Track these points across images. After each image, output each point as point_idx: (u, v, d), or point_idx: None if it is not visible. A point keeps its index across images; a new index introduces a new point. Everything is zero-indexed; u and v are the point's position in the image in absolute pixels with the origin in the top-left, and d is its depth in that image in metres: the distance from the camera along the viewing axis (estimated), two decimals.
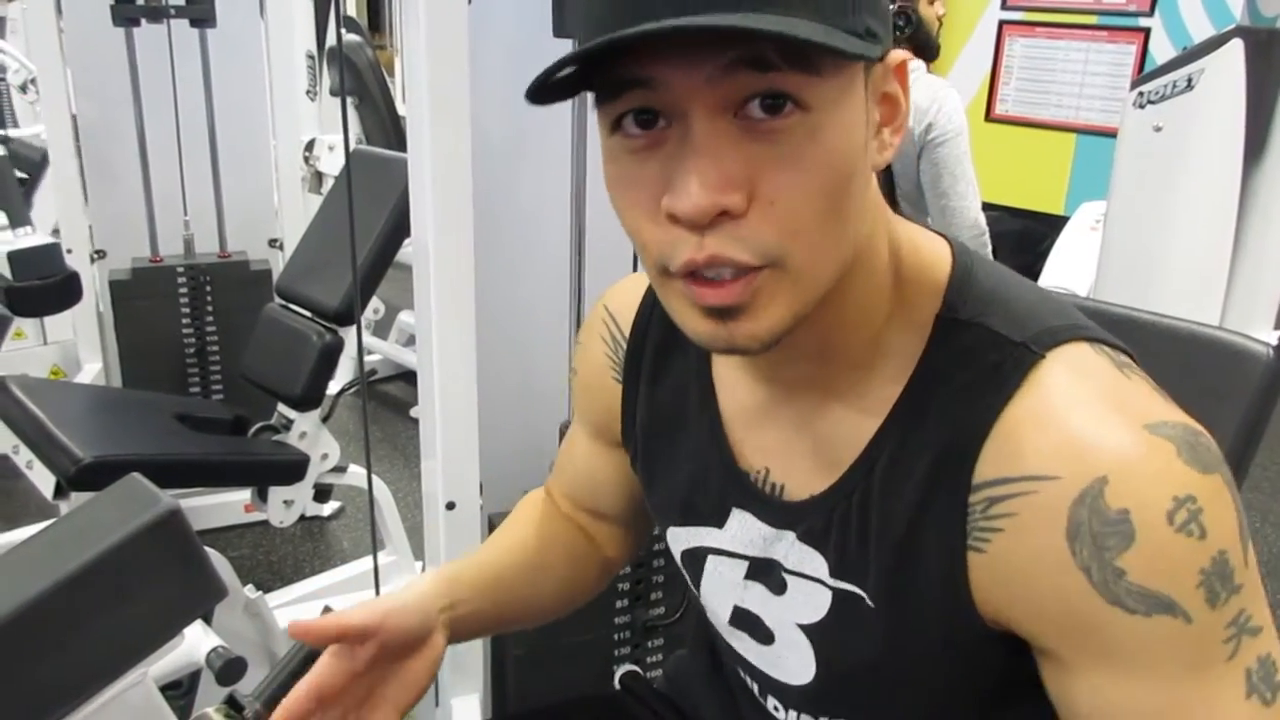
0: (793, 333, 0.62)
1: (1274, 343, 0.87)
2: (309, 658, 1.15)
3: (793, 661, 0.75)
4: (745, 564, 0.77)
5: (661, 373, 0.83)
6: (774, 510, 0.74)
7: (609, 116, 0.60)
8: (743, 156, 0.57)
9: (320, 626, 0.75)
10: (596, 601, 1.61)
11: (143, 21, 2.52)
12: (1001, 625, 0.65)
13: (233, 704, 1.07)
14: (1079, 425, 0.60)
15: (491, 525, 1.60)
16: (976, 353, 0.64)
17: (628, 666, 1.52)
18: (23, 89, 3.90)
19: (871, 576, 0.69)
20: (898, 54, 0.63)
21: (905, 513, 0.66)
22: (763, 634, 0.77)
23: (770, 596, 0.76)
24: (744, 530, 0.76)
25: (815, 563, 0.72)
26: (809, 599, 0.73)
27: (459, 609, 0.85)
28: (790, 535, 0.73)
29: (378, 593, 1.64)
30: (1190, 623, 0.58)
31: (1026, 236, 3.39)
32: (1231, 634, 0.59)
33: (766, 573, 0.75)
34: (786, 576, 0.74)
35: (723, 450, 0.77)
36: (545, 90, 0.58)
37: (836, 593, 0.71)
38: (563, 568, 0.97)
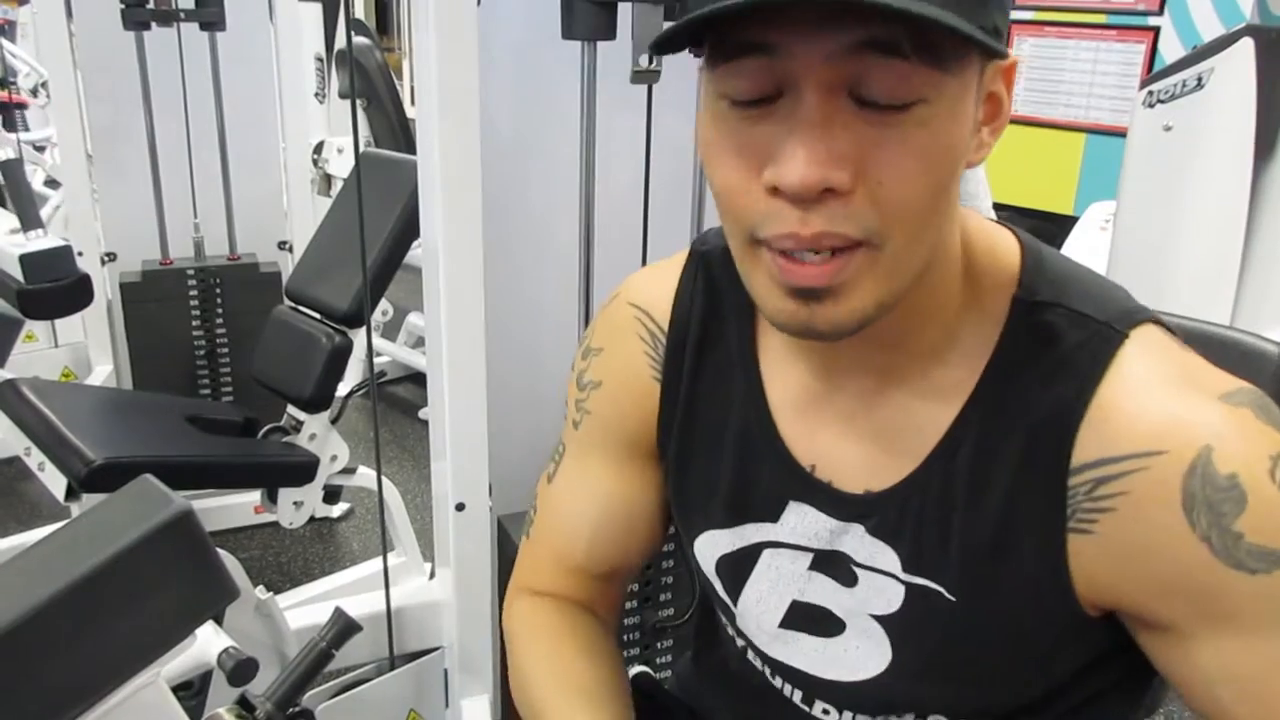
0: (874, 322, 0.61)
1: None
2: (321, 657, 1.16)
3: (863, 652, 0.73)
4: (809, 555, 0.75)
5: (703, 365, 0.80)
6: (838, 503, 0.72)
7: (719, 81, 0.59)
8: (854, 137, 0.56)
9: None
10: None
11: (153, 25, 2.53)
12: (1105, 606, 0.65)
13: (244, 704, 1.07)
14: (1174, 400, 0.61)
15: (501, 527, 1.60)
16: (1060, 332, 0.65)
17: (638, 668, 1.52)
18: (33, 93, 3.92)
19: (954, 570, 0.68)
20: (1012, 56, 0.63)
21: (996, 499, 0.66)
22: (831, 625, 0.74)
23: (840, 588, 0.73)
24: (804, 523, 0.74)
25: (887, 557, 0.71)
26: (882, 592, 0.71)
27: None
28: (859, 529, 0.71)
29: (387, 594, 1.64)
30: None
31: (1036, 237, 3.37)
32: None
33: (834, 565, 0.74)
34: (857, 570, 0.72)
35: (774, 442, 0.75)
36: (668, 43, 0.58)
37: (910, 587, 0.70)
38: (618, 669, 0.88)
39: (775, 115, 0.57)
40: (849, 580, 0.73)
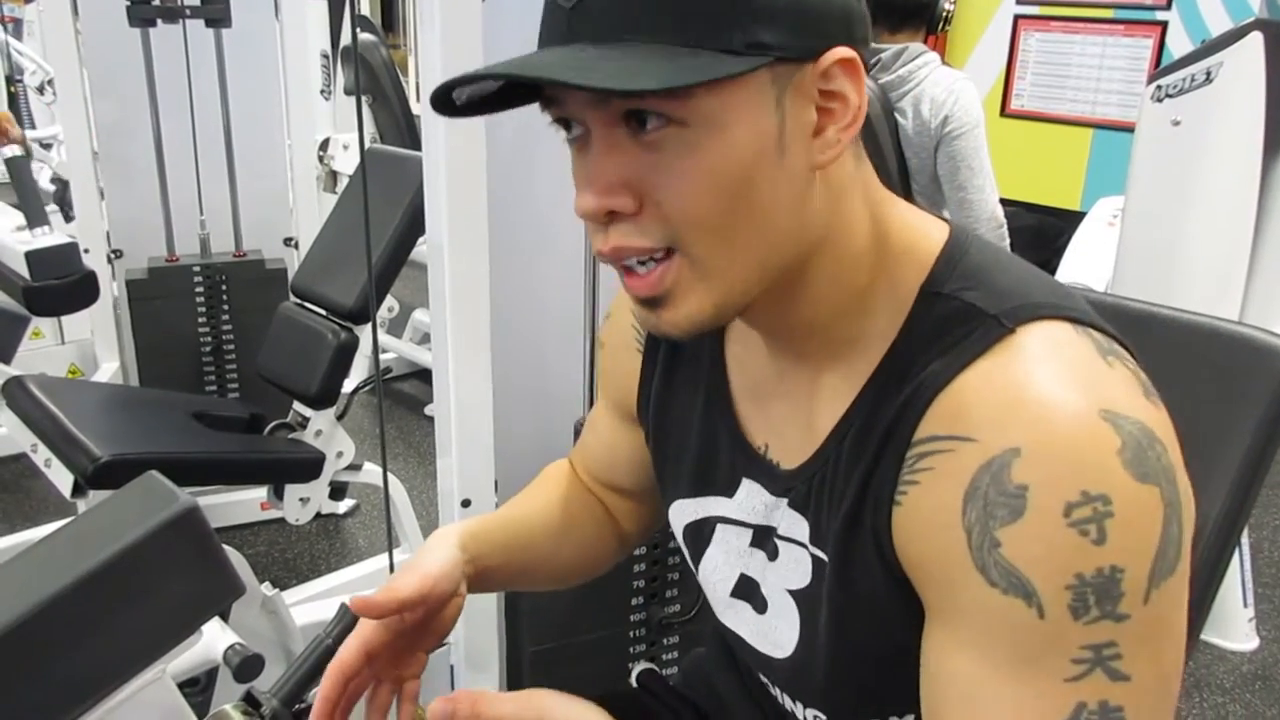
0: (770, 312, 0.68)
1: None
2: (327, 653, 1.15)
3: (781, 631, 0.77)
4: (750, 532, 0.79)
5: (679, 346, 0.85)
6: (775, 479, 0.77)
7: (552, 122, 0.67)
8: (631, 163, 0.62)
9: (381, 603, 0.78)
10: (612, 598, 1.62)
11: (158, 22, 2.53)
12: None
13: (250, 701, 1.07)
14: (1020, 395, 0.59)
15: None
16: (950, 323, 0.65)
17: (644, 664, 1.52)
18: (40, 90, 3.93)
19: (832, 542, 0.70)
20: (838, 52, 0.62)
21: (860, 475, 0.67)
22: (759, 601, 0.79)
23: (767, 563, 0.78)
24: (749, 499, 0.79)
25: (801, 528, 0.74)
26: (797, 565, 0.75)
27: (479, 563, 0.88)
28: (784, 502, 0.75)
29: None
30: (1043, 619, 0.56)
31: (1043, 232, 3.37)
32: (1087, 658, 0.56)
33: (765, 539, 0.78)
34: (779, 542, 0.76)
35: (730, 423, 0.80)
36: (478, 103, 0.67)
37: (815, 559, 0.73)
38: (583, 533, 1.00)
39: (587, 149, 0.65)
40: (773, 554, 0.77)
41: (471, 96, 0.66)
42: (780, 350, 0.76)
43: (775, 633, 0.78)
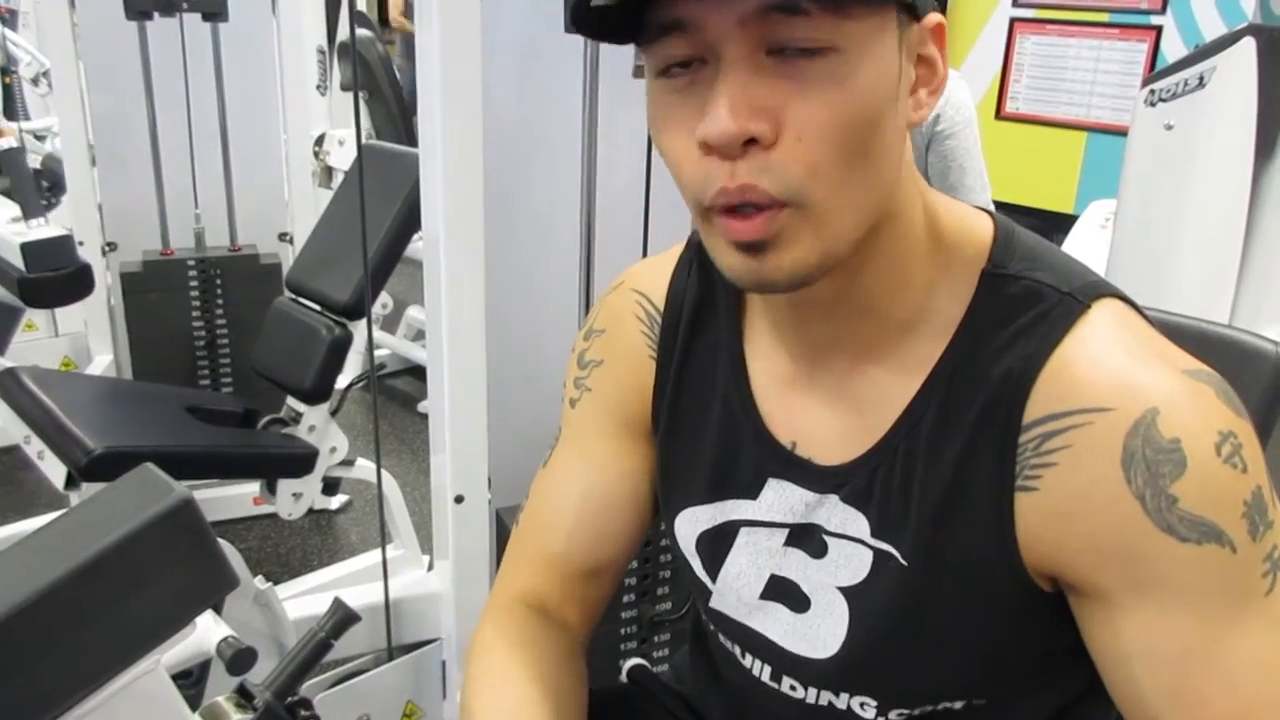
0: (827, 287, 0.65)
1: None
2: (320, 647, 1.16)
3: (825, 629, 0.75)
4: (785, 531, 0.77)
5: (694, 345, 0.83)
6: (816, 477, 0.74)
7: (651, 59, 0.63)
8: (772, 89, 0.59)
9: None
10: None
11: (155, 15, 2.53)
12: (1047, 571, 0.66)
13: (243, 693, 1.08)
14: (1128, 363, 0.63)
15: (499, 519, 1.61)
16: (1026, 302, 0.67)
17: (635, 660, 1.53)
18: (34, 82, 3.91)
19: (909, 534, 0.69)
20: (935, 17, 0.65)
21: (951, 464, 0.67)
22: (798, 600, 0.77)
23: (809, 561, 0.76)
24: (781, 499, 0.77)
25: (858, 523, 0.72)
26: (849, 560, 0.73)
27: None
28: (834, 498, 0.74)
29: (386, 585, 1.65)
30: (1235, 553, 0.60)
31: (1042, 234, 3.38)
32: (1268, 568, 0.61)
33: (808, 537, 0.76)
34: (827, 539, 0.74)
35: (755, 421, 0.78)
36: (591, 25, 0.62)
37: (877, 553, 0.72)
38: (573, 694, 0.84)
39: (702, 81, 0.61)
40: (819, 551, 0.75)
41: (598, 2, 0.60)
42: (811, 344, 0.74)
43: (816, 631, 0.75)
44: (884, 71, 0.61)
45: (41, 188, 3.28)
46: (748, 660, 0.83)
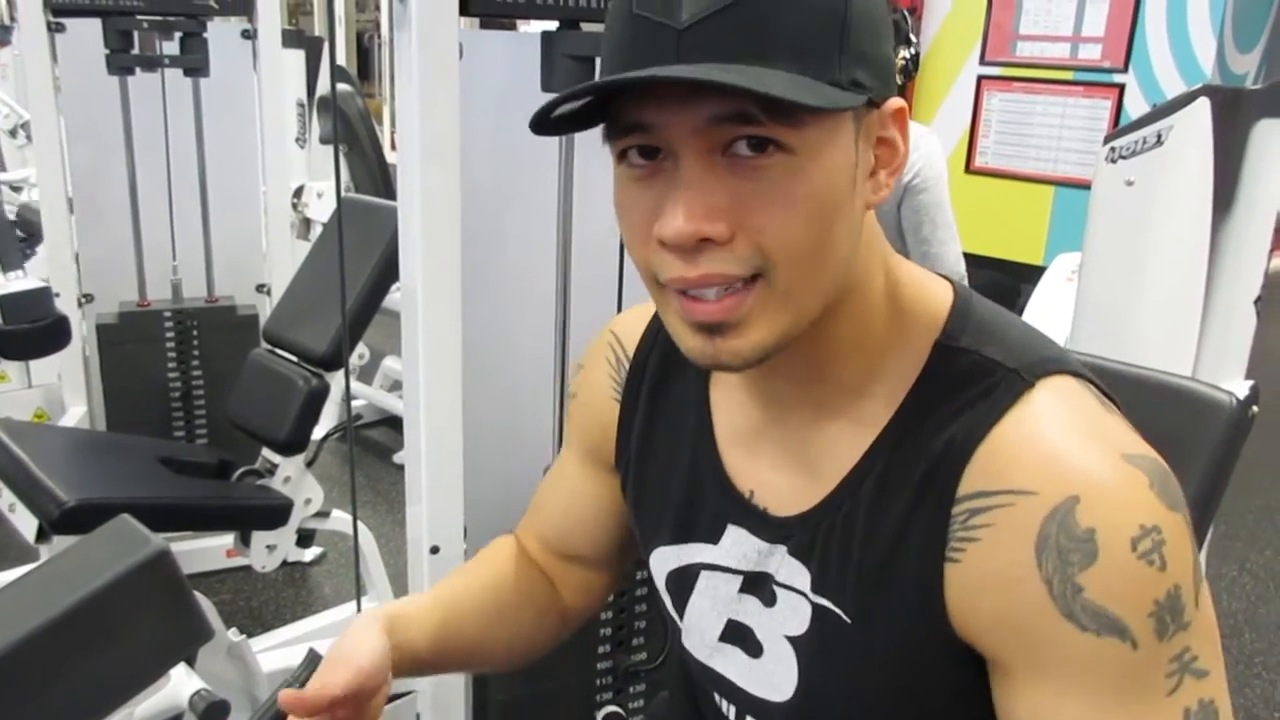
0: (785, 353, 0.67)
1: (1244, 393, 0.90)
2: None
3: (779, 675, 0.77)
4: (739, 578, 0.79)
5: (661, 394, 0.87)
6: (768, 526, 0.77)
7: (614, 148, 0.66)
8: (728, 191, 0.62)
9: (312, 701, 0.78)
10: (578, 646, 1.62)
11: (137, 70, 2.55)
12: (969, 639, 0.67)
13: None
14: (1060, 446, 0.63)
15: None
16: (972, 376, 0.68)
17: (610, 708, 1.52)
18: (12, 133, 3.92)
19: (849, 593, 0.71)
20: (895, 102, 0.67)
21: (890, 527, 0.68)
22: (753, 646, 0.79)
23: (762, 608, 0.78)
24: (737, 546, 0.79)
25: (802, 577, 0.74)
26: (795, 612, 0.75)
27: (406, 649, 0.87)
28: (782, 549, 0.76)
29: None
30: (1136, 649, 0.60)
31: (1005, 287, 3.43)
32: (1174, 669, 0.61)
33: (760, 586, 0.78)
34: (776, 589, 0.76)
35: (716, 470, 0.81)
36: (558, 122, 0.64)
37: (816, 608, 0.73)
38: (520, 615, 0.97)
39: (661, 177, 0.63)
40: (769, 600, 0.77)
41: (561, 112, 0.64)
42: (773, 398, 0.77)
43: (772, 676, 0.78)
44: (840, 164, 0.63)
45: (17, 238, 3.27)
46: (718, 699, 0.85)
